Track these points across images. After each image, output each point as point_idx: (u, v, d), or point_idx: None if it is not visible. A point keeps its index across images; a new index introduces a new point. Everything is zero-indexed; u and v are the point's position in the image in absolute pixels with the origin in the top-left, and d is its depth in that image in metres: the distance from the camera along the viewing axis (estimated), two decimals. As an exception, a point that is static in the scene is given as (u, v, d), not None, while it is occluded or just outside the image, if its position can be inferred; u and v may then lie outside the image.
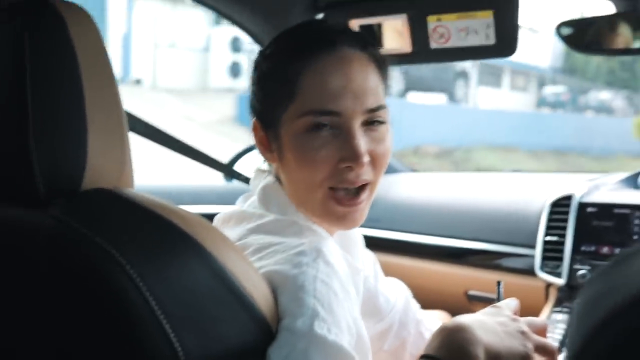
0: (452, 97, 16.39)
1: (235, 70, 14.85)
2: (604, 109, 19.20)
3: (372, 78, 0.87)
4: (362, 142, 0.85)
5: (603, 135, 14.66)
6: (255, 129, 0.94)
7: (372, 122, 0.87)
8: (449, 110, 15.42)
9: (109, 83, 0.72)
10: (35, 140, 0.65)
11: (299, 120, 0.85)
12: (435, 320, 1.27)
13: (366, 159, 0.85)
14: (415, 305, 1.23)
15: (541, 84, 20.01)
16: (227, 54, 15.00)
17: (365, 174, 0.87)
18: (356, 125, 0.85)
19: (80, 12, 0.71)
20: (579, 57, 17.43)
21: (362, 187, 0.88)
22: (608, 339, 0.37)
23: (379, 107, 0.87)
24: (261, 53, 0.94)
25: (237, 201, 1.01)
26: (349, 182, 0.86)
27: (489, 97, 18.12)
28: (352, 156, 0.84)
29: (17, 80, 0.66)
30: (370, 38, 0.92)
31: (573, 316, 0.43)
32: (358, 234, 1.11)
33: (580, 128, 15.39)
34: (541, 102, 19.53)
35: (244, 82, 13.65)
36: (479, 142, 12.35)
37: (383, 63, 0.91)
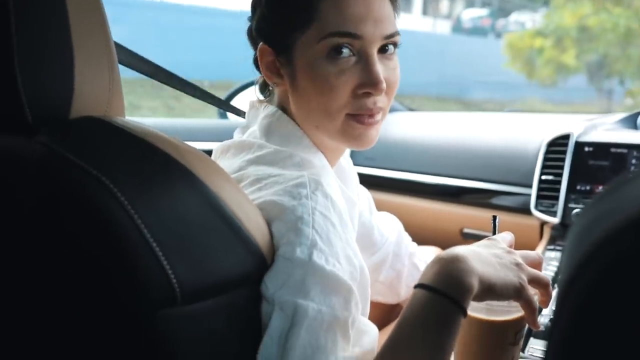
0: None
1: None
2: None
3: (387, 5, 0.88)
4: (381, 69, 0.86)
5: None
6: (262, 53, 0.92)
7: (386, 48, 0.88)
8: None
9: (95, 8, 0.69)
10: (20, 68, 0.63)
11: (318, 45, 0.85)
12: (429, 254, 1.28)
13: (384, 85, 0.85)
14: (407, 238, 1.24)
15: (469, 7, 16.37)
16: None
17: (381, 101, 0.88)
18: (375, 52, 0.86)
19: None
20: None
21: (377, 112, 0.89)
22: (598, 265, 0.35)
23: (395, 33, 0.88)
24: None
25: (235, 133, 1.00)
26: (367, 110, 0.87)
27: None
28: (372, 82, 0.85)
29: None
30: None
31: (565, 247, 0.42)
32: (353, 171, 1.10)
33: (491, 60, 11.49)
34: (456, 28, 15.40)
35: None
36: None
37: None
